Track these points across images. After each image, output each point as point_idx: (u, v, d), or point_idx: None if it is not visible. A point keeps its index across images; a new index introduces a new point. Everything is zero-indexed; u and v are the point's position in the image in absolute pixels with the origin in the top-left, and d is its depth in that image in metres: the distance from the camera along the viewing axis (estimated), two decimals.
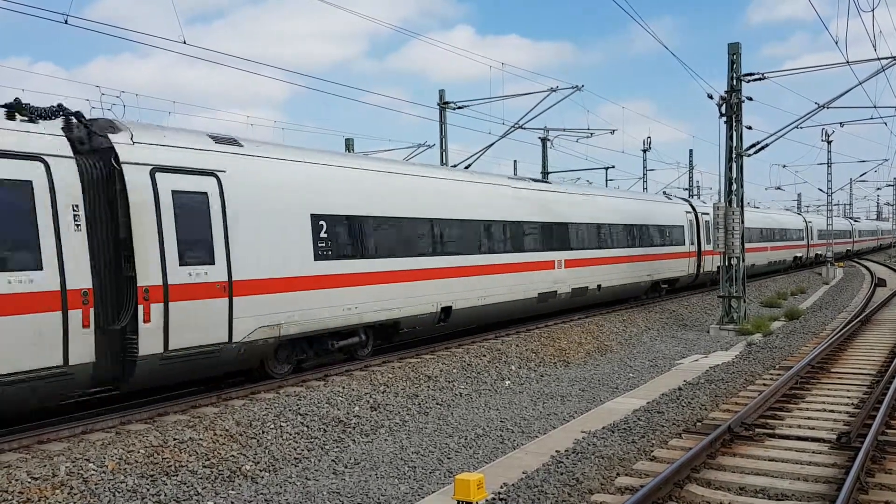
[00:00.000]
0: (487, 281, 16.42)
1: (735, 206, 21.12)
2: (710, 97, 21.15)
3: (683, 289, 28.41)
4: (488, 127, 44.42)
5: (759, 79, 20.97)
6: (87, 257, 9.02)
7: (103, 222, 9.41)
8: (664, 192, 35.88)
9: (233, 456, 8.84)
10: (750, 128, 21.81)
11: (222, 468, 8.53)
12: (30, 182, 8.60)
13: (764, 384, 11.61)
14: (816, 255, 48.96)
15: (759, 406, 9.65)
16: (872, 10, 15.10)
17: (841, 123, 29.77)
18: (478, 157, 24.42)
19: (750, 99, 21.25)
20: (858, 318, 19.23)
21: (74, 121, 9.53)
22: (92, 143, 9.60)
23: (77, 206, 9.00)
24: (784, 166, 50.01)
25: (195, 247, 10.32)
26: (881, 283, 34.16)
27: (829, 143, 44.80)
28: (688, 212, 28.27)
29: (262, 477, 8.58)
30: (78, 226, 8.97)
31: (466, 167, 22.66)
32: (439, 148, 27.02)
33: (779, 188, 54.14)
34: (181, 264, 10.06)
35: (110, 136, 9.69)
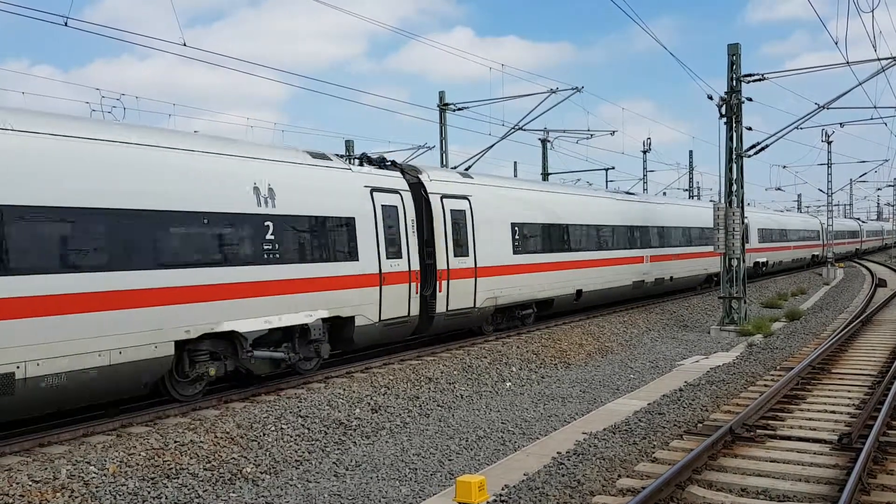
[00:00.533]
0: (604, 270, 21.77)
1: (735, 206, 21.12)
2: (710, 98, 21.16)
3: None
4: (488, 128, 44.55)
5: (760, 79, 20.97)
6: (416, 251, 14.63)
7: (419, 230, 14.82)
8: (710, 200, 41.75)
9: (233, 458, 8.83)
10: (750, 128, 21.84)
11: (223, 471, 8.52)
12: (395, 207, 14.23)
13: (765, 385, 11.61)
14: (831, 253, 52.31)
15: (761, 407, 9.64)
16: (872, 11, 15.10)
17: (841, 124, 29.74)
18: (478, 159, 24.46)
19: (750, 100, 21.26)
20: (859, 319, 19.22)
21: (397, 166, 15.41)
22: (409, 181, 15.08)
23: (412, 220, 14.61)
24: (784, 167, 50.05)
25: (460, 245, 15.90)
26: (882, 283, 34.15)
27: (830, 143, 44.83)
28: None
29: (263, 479, 8.57)
30: (413, 232, 14.60)
31: (466, 169, 22.67)
32: (439, 149, 27.03)
33: (779, 189, 54.14)
34: (455, 256, 15.67)
35: (419, 176, 15.43)
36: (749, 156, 21.48)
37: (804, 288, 34.79)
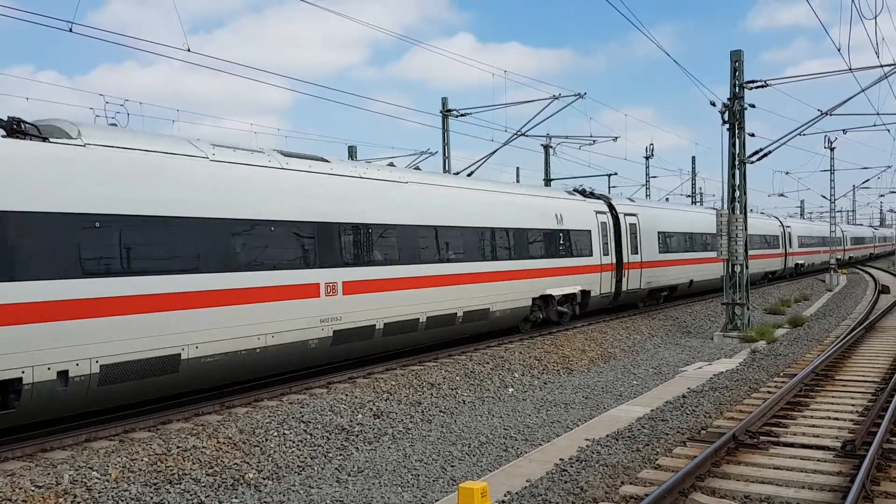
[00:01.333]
0: (704, 267, 28.52)
1: (738, 212, 21.11)
2: (713, 104, 21.18)
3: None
4: (491, 134, 44.60)
5: (762, 86, 20.99)
6: (614, 250, 21.98)
7: (612, 236, 22.00)
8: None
9: (236, 464, 8.83)
10: (753, 135, 21.84)
11: (225, 476, 8.52)
12: (605, 222, 21.72)
13: (768, 392, 11.58)
14: (850, 257, 63.80)
15: (764, 414, 9.63)
16: (875, 18, 15.09)
17: (844, 130, 29.70)
18: (480, 165, 24.49)
19: (752, 106, 21.27)
20: (862, 326, 19.19)
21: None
22: (607, 205, 22.65)
23: (611, 230, 21.95)
24: (787, 173, 49.99)
25: (633, 246, 23.17)
26: (885, 290, 34.08)
27: (832, 149, 44.83)
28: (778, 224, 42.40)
29: (266, 485, 8.56)
30: (612, 238, 21.86)
31: (469, 174, 22.70)
32: (442, 155, 27.06)
33: (782, 195, 54.00)
34: (631, 253, 23.03)
35: (611, 201, 23.13)
36: (752, 162, 21.47)
37: (807, 294, 34.73)
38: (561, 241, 19.45)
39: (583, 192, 22.79)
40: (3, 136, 8.58)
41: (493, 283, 16.50)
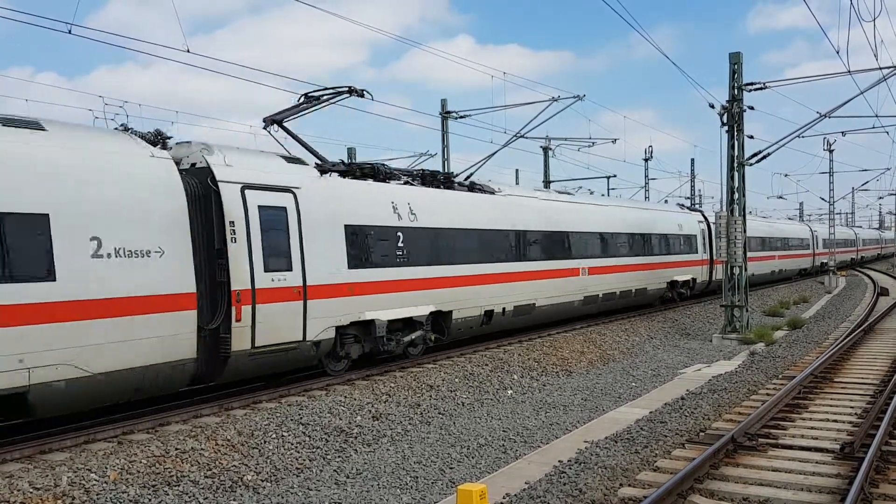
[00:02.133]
0: (771, 262, 37.73)
1: (737, 215, 21.13)
2: (712, 107, 21.22)
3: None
4: (490, 136, 44.62)
5: (761, 88, 21.02)
6: (707, 249, 29.25)
7: (707, 239, 29.51)
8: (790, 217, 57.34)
9: (234, 466, 8.82)
10: (751, 137, 21.87)
11: (224, 478, 8.51)
12: (704, 229, 29.40)
13: (767, 394, 11.58)
14: (861, 256, 72.67)
15: (763, 416, 9.63)
16: (874, 20, 15.13)
17: (843, 133, 29.81)
18: (480, 166, 24.45)
19: (751, 108, 21.30)
20: (861, 328, 19.19)
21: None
22: (700, 214, 31.16)
23: (706, 235, 30.05)
24: (786, 175, 50.22)
25: (715, 245, 24.70)
26: (884, 292, 34.09)
27: (831, 152, 44.85)
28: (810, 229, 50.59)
29: (264, 487, 8.56)
30: (707, 239, 29.45)
31: (468, 177, 22.69)
32: (442, 157, 27.08)
33: (781, 197, 54.08)
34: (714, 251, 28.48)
35: (702, 211, 31.79)
36: (751, 164, 21.50)
37: (806, 296, 34.74)
38: (682, 243, 27.36)
39: (684, 206, 31.46)
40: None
41: (648, 271, 24.44)
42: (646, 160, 47.22)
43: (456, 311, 15.23)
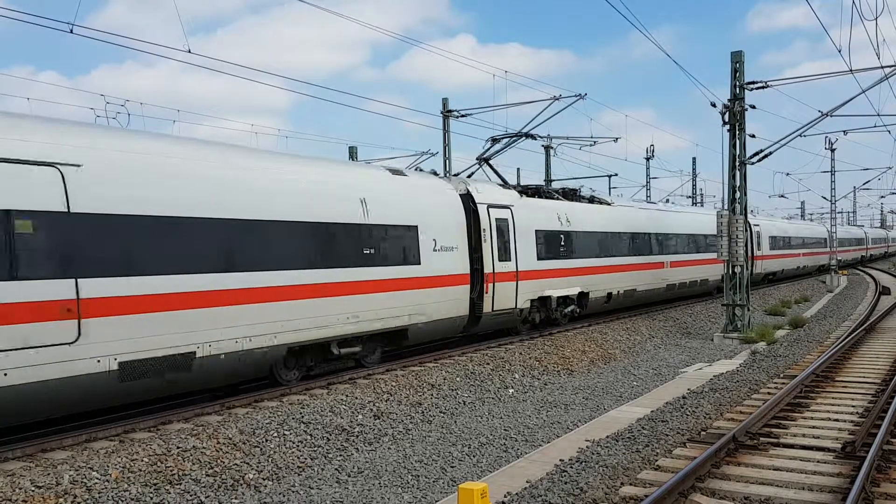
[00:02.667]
0: (798, 259, 43.14)
1: (739, 213, 21.11)
2: (714, 105, 21.19)
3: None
4: (491, 135, 44.49)
5: (763, 87, 20.99)
6: (754, 248, 35.09)
7: (756, 241, 35.81)
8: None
9: (236, 465, 8.83)
10: (753, 136, 21.84)
11: (225, 477, 8.52)
12: (759, 233, 36.81)
13: (768, 393, 11.58)
14: (871, 254, 78.97)
15: (764, 415, 9.62)
16: (876, 19, 15.09)
17: (844, 132, 29.74)
18: (481, 165, 24.43)
19: (753, 107, 21.26)
20: (863, 327, 19.17)
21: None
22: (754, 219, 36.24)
23: (759, 236, 37.66)
24: (788, 174, 50.07)
25: (758, 245, 34.96)
26: (885, 291, 34.06)
27: (833, 151, 44.82)
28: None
29: (266, 486, 8.57)
30: (758, 240, 36.93)
31: (469, 176, 22.69)
32: (443, 156, 27.08)
33: (782, 196, 53.99)
34: (770, 248, 37.34)
35: (755, 220, 36.82)
36: (752, 163, 21.47)
37: (808, 295, 34.72)
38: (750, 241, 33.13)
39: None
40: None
41: (709, 265, 28.29)
42: (647, 159, 47.21)
43: (592, 292, 20.80)
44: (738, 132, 21.00)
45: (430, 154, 28.52)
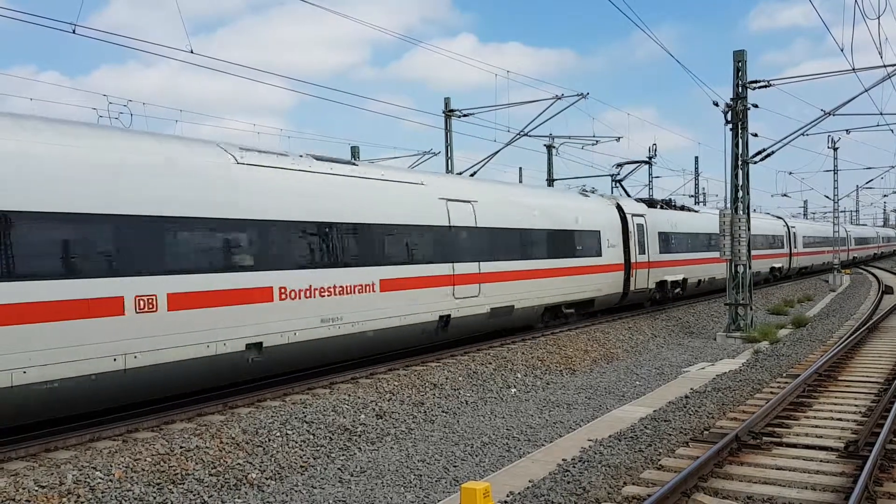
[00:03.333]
0: (823, 256, 48.43)
1: (742, 213, 21.08)
2: (716, 104, 21.15)
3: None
4: (493, 134, 44.56)
5: (766, 86, 20.95)
6: (791, 246, 44.44)
7: (792, 240, 44.20)
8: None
9: (239, 464, 8.84)
10: (756, 135, 21.79)
11: (228, 476, 8.54)
12: (786, 233, 41.89)
13: (771, 392, 11.57)
14: (882, 252, 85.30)
15: (767, 414, 9.62)
16: (878, 18, 15.06)
17: (847, 130, 29.70)
18: (483, 165, 24.48)
19: (755, 106, 21.22)
20: (866, 326, 19.15)
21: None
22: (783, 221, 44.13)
23: (789, 237, 43.82)
24: (790, 173, 49.99)
25: (794, 244, 43.18)
26: (888, 290, 34.00)
27: (836, 150, 44.73)
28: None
29: (268, 485, 8.58)
30: (792, 241, 43.26)
31: (472, 175, 22.72)
32: (445, 156, 27.07)
33: (785, 195, 53.95)
34: (804, 247, 46.33)
35: (787, 221, 45.26)
36: (755, 162, 21.44)
37: (810, 295, 34.68)
38: (779, 242, 40.13)
39: (778, 216, 44.06)
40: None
41: (764, 259, 36.34)
42: (650, 157, 47.13)
43: (690, 279, 27.12)
44: (740, 131, 20.97)
45: (432, 154, 28.56)
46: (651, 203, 26.55)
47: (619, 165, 29.38)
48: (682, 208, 29.26)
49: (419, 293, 13.97)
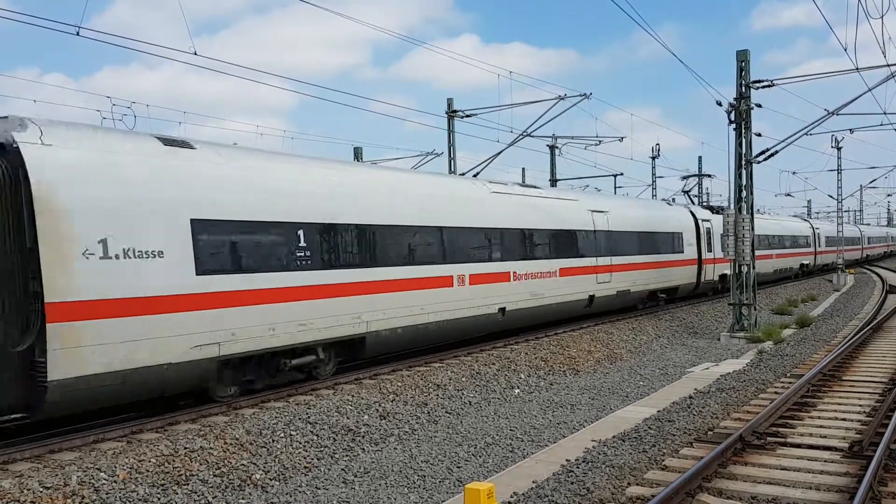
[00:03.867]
0: (850, 253, 56.00)
1: (745, 213, 21.05)
2: (720, 104, 21.12)
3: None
4: (496, 135, 44.60)
5: (769, 86, 20.93)
6: (817, 245, 48.67)
7: (818, 240, 49.96)
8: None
9: (243, 465, 8.85)
10: (759, 135, 21.79)
11: (233, 477, 8.55)
12: (814, 233, 47.25)
13: (775, 392, 11.55)
14: (893, 251, 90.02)
15: (771, 414, 9.60)
16: (882, 17, 15.02)
17: (851, 130, 29.66)
18: (486, 165, 24.50)
19: (759, 106, 21.19)
20: (870, 326, 19.11)
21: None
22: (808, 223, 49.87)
23: (814, 237, 47.71)
24: (794, 173, 50.02)
25: (820, 244, 49.36)
26: (892, 290, 33.91)
27: (839, 149, 44.66)
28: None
29: (273, 486, 8.59)
30: (819, 240, 48.95)
31: (475, 175, 22.73)
32: (448, 156, 27.08)
33: (789, 195, 53.93)
34: (829, 246, 51.04)
35: (811, 221, 52.44)
36: (758, 162, 21.42)
37: (814, 294, 34.60)
38: (804, 241, 43.73)
39: (802, 217, 49.52)
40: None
41: (792, 257, 40.83)
42: (653, 158, 47.13)
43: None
44: (744, 131, 20.93)
45: (434, 154, 28.59)
46: (714, 209, 31.77)
47: (685, 178, 37.53)
48: (721, 210, 34.05)
49: (578, 279, 19.57)
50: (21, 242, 8.47)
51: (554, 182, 35.88)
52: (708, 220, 28.70)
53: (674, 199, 30.12)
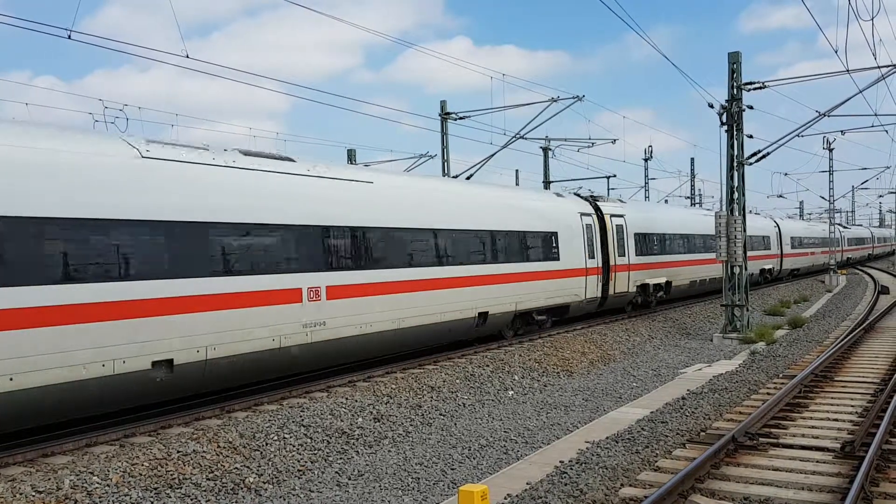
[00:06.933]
0: (861, 251, 72.06)
1: (737, 214, 21.14)
2: (711, 106, 21.21)
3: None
4: (489, 137, 44.56)
5: (760, 87, 21.02)
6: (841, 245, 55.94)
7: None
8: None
9: (236, 468, 8.84)
10: (751, 136, 21.86)
11: (226, 480, 8.53)
12: (832, 234, 50.29)
13: (768, 393, 11.60)
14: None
15: (763, 415, 9.64)
16: (872, 19, 15.13)
17: (842, 131, 29.75)
18: (479, 167, 24.48)
19: (750, 107, 21.27)
20: (862, 326, 19.20)
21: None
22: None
23: (831, 238, 51.36)
24: (786, 174, 50.17)
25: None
26: (884, 290, 34.08)
27: (831, 150, 44.86)
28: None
29: (266, 489, 8.58)
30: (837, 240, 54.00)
31: (468, 178, 22.75)
32: (441, 158, 27.09)
33: (781, 196, 54.04)
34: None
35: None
36: (750, 163, 21.49)
37: (807, 295, 34.75)
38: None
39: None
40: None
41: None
42: (645, 160, 47.26)
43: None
44: (735, 133, 21.03)
45: (428, 156, 28.58)
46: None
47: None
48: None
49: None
50: None
51: (547, 185, 35.91)
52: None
53: (700, 203, 29.43)
